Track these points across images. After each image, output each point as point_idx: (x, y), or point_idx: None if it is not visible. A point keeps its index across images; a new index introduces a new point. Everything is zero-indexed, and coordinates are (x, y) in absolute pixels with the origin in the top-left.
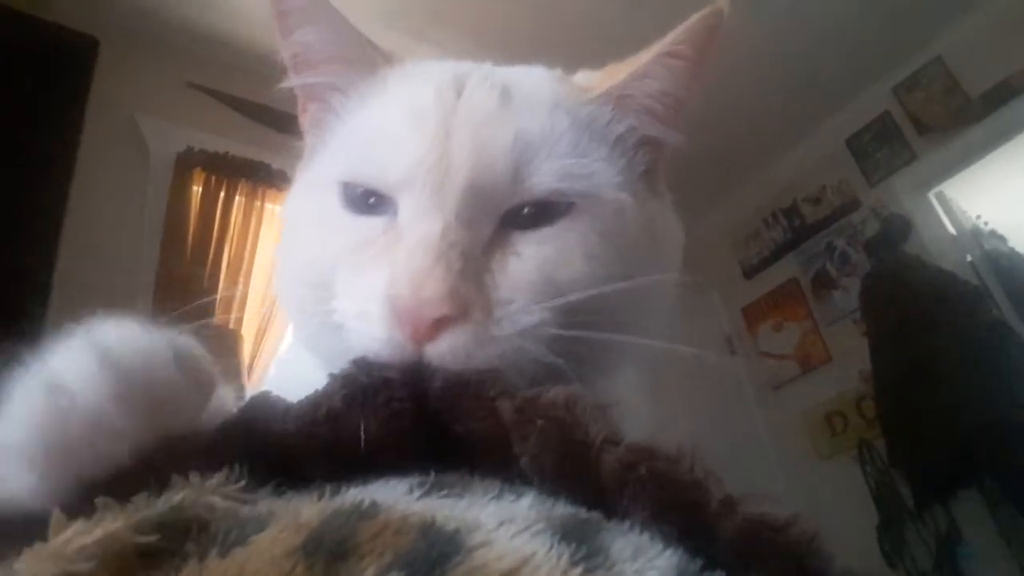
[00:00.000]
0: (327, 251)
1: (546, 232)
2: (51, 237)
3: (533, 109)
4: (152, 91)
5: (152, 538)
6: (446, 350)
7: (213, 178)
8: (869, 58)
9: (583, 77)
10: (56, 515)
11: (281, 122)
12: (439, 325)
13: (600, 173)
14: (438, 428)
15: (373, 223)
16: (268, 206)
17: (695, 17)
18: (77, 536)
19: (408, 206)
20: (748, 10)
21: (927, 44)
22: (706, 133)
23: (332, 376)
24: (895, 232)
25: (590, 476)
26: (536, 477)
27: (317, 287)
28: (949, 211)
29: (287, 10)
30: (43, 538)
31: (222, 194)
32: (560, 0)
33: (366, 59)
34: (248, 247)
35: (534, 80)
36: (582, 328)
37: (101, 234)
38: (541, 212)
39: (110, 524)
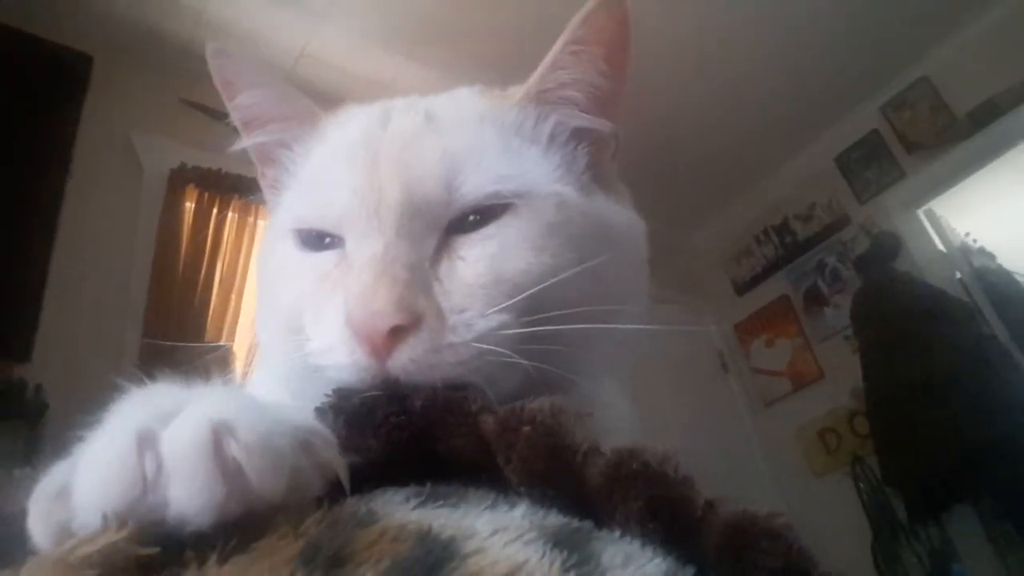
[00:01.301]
0: (291, 294)
1: (486, 231)
2: (44, 253)
3: (457, 125)
4: (145, 108)
5: (154, 550)
6: (406, 361)
7: (206, 194)
8: (857, 77)
9: (513, 89)
10: (60, 525)
11: None
12: (394, 337)
13: (534, 171)
14: (424, 445)
15: (327, 258)
16: (261, 223)
17: (591, 3)
18: (81, 545)
19: (352, 236)
20: (738, 30)
21: (914, 64)
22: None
23: (321, 409)
24: (885, 249)
25: (576, 480)
26: (523, 484)
27: (291, 332)
28: (938, 228)
29: (228, 78)
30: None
31: (215, 210)
32: (550, 20)
33: (306, 114)
34: (240, 263)
35: (457, 99)
36: (548, 324)
37: (94, 250)
38: (483, 217)
39: (113, 535)
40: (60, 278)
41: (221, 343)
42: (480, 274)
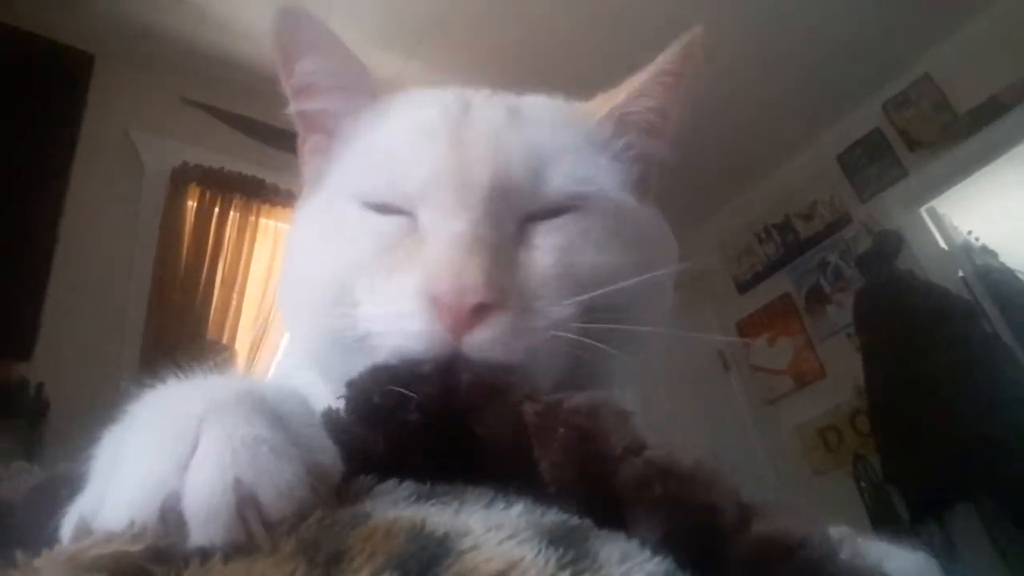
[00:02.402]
0: (353, 257)
1: (558, 223)
2: (46, 252)
3: (539, 124)
4: (147, 107)
5: (163, 569)
6: (486, 338)
7: (208, 193)
8: (859, 75)
9: (593, 104)
10: (79, 522)
11: (276, 138)
12: (478, 314)
13: (604, 179)
14: (458, 429)
15: (395, 223)
16: (263, 221)
17: (682, 39)
18: (95, 546)
19: (430, 212)
20: (739, 29)
21: (916, 61)
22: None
23: (348, 396)
24: (887, 248)
25: (606, 488)
26: (555, 486)
27: (337, 300)
28: (940, 227)
29: (291, 40)
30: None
31: (216, 209)
32: (547, 22)
33: (367, 86)
34: (242, 262)
35: (537, 102)
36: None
37: (95, 249)
38: (555, 212)
39: (126, 544)
40: (61, 277)
41: (223, 341)
42: (552, 264)
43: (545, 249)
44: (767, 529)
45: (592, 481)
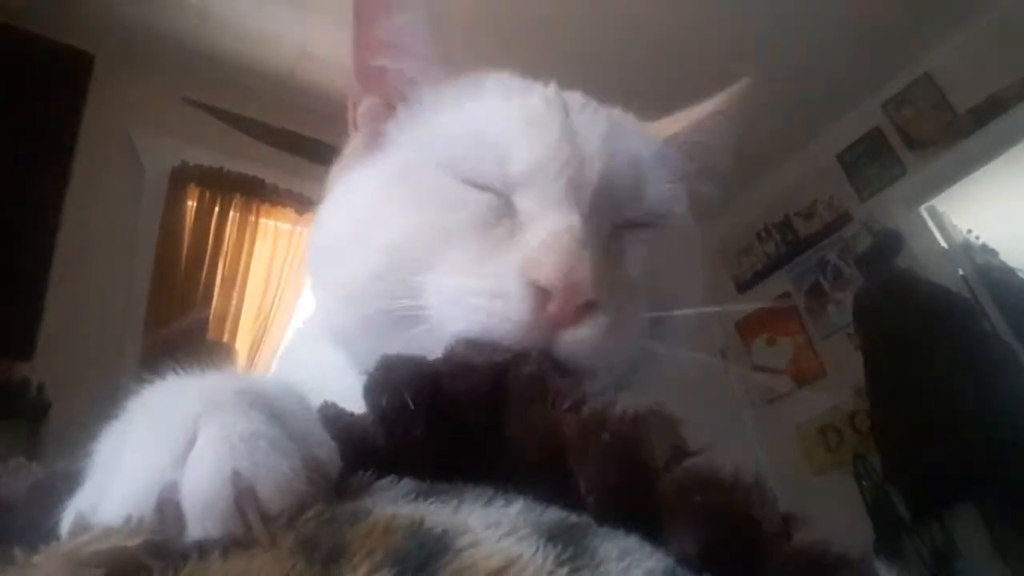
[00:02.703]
0: (440, 225)
1: (644, 234)
2: (46, 251)
3: (635, 138)
4: (147, 106)
5: (160, 563)
6: (585, 336)
7: (207, 193)
8: (859, 75)
9: (658, 124)
10: (76, 517)
11: (276, 138)
12: (583, 311)
13: (681, 201)
14: (489, 427)
15: (493, 201)
16: (262, 221)
17: (738, 85)
18: (93, 541)
19: (533, 198)
20: (739, 30)
21: (916, 61)
22: None
23: (367, 387)
24: (887, 246)
25: (646, 498)
26: (592, 495)
27: (404, 267)
28: (940, 225)
29: None
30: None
31: (216, 209)
32: (549, 19)
33: (448, 60)
34: (242, 262)
35: (625, 116)
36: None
37: (96, 249)
38: (641, 225)
39: (124, 539)
40: (62, 277)
41: (223, 340)
42: (639, 274)
43: (634, 258)
44: (807, 541)
45: (632, 490)
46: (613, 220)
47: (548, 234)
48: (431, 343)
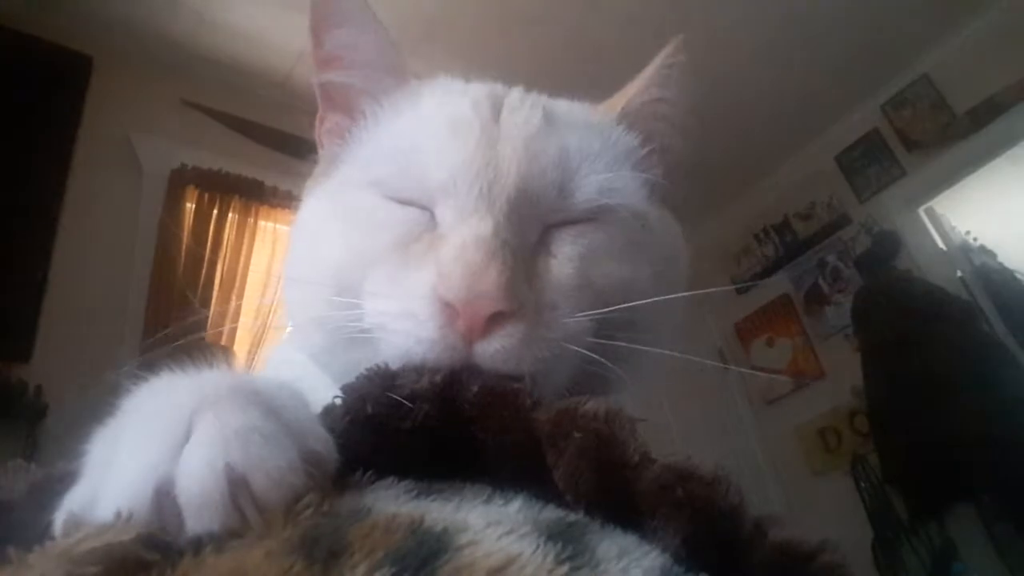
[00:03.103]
0: (364, 246)
1: (579, 229)
2: (44, 254)
3: (572, 129)
4: (145, 109)
5: (156, 557)
6: (498, 348)
7: (206, 195)
8: (857, 76)
9: (600, 108)
10: (69, 516)
11: (274, 140)
12: (492, 322)
13: (628, 188)
14: (462, 439)
15: (417, 216)
16: (261, 223)
17: (674, 41)
18: (87, 539)
19: (451, 209)
20: (739, 31)
21: (914, 62)
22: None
23: (341, 401)
24: (886, 248)
25: (624, 494)
26: (570, 492)
27: (344, 290)
28: (939, 227)
29: (328, 9)
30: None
31: (215, 211)
32: (551, 20)
33: (399, 69)
34: (241, 264)
35: (568, 106)
36: (614, 339)
37: (94, 251)
38: (576, 221)
39: (119, 534)
40: (60, 279)
41: (221, 343)
42: (571, 273)
43: (565, 257)
44: (785, 535)
45: (609, 486)
46: (544, 221)
47: (455, 247)
48: (391, 360)
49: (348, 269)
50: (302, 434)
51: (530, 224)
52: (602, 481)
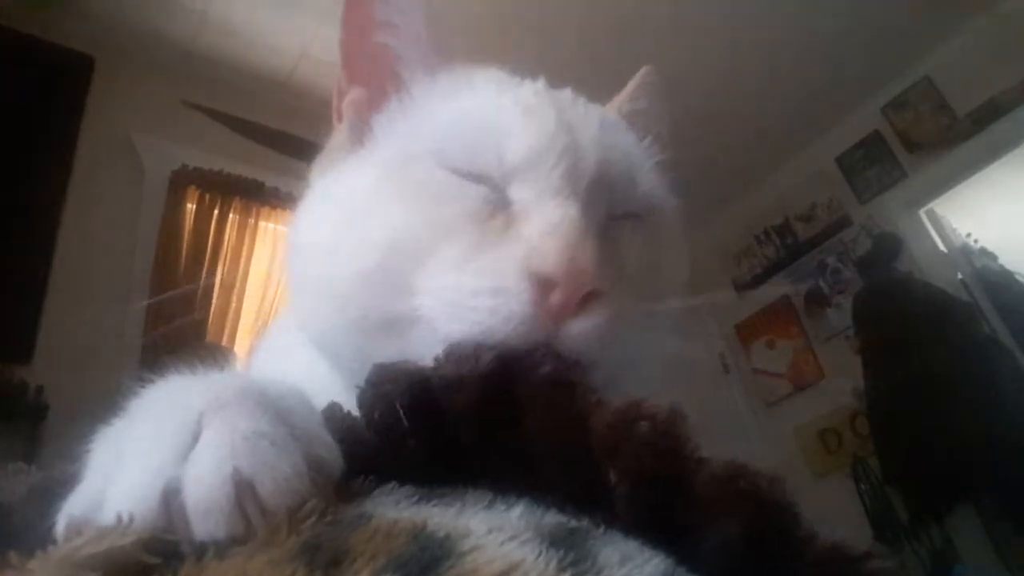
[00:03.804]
0: (434, 220)
1: (635, 221)
2: (45, 254)
3: (625, 132)
4: (147, 109)
5: (157, 560)
6: (590, 327)
7: (207, 196)
8: (858, 78)
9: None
10: (70, 520)
11: (276, 141)
12: (586, 301)
13: (665, 190)
14: (502, 424)
15: (488, 193)
16: (262, 224)
17: (643, 70)
18: (87, 545)
19: (530, 188)
20: (739, 33)
21: (915, 64)
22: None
23: (364, 396)
24: (886, 250)
25: (683, 487)
26: (628, 483)
27: (393, 269)
28: (940, 229)
29: None
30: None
31: (216, 212)
32: (551, 22)
33: (444, 48)
34: (241, 265)
35: (608, 112)
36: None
37: (95, 251)
38: (632, 215)
39: (119, 538)
40: (61, 280)
41: (221, 344)
42: (634, 263)
43: (629, 249)
44: (834, 539)
45: (669, 477)
46: (608, 211)
47: (548, 224)
48: (425, 347)
49: (407, 243)
50: (309, 440)
51: (601, 211)
52: (666, 472)
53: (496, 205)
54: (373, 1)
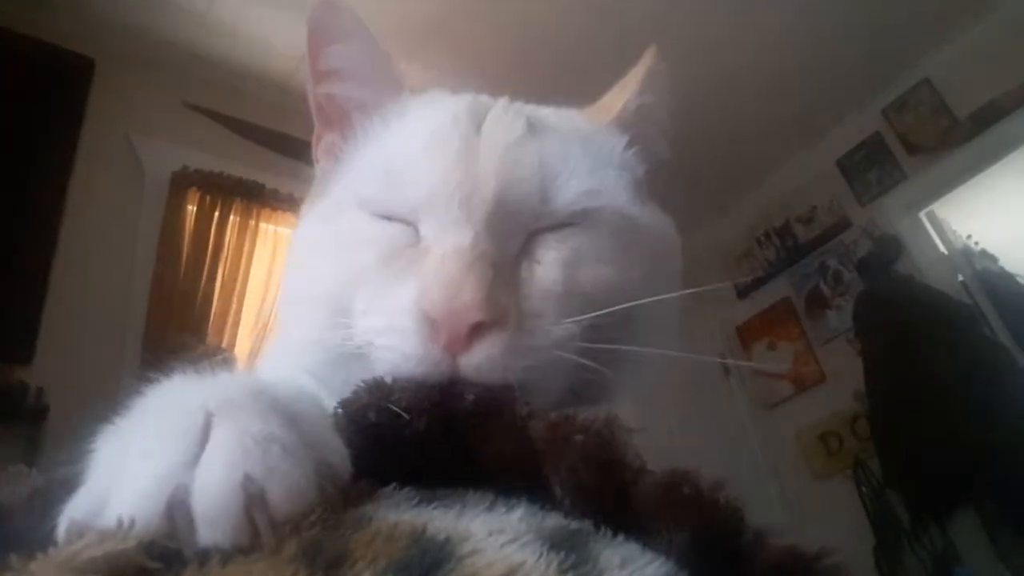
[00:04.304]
0: (352, 266)
1: (563, 234)
2: (45, 256)
3: (554, 135)
4: (147, 111)
5: (158, 565)
6: (482, 359)
7: (208, 197)
8: (858, 80)
9: (589, 111)
10: (71, 523)
11: (276, 142)
12: (474, 333)
13: (613, 190)
14: (460, 450)
15: (401, 232)
16: (263, 225)
17: (649, 50)
18: (88, 547)
19: (432, 224)
20: (738, 33)
21: (915, 66)
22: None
23: (343, 411)
24: (887, 252)
25: (624, 497)
26: (569, 497)
27: (337, 311)
28: (940, 231)
29: (324, 26)
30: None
31: (216, 213)
32: (549, 26)
33: (393, 84)
34: (242, 267)
35: (553, 113)
36: (611, 343)
37: (96, 253)
38: (562, 226)
39: (121, 542)
40: (61, 281)
41: (222, 346)
42: (556, 279)
43: (550, 263)
44: (786, 541)
45: (608, 489)
46: (528, 229)
47: (435, 261)
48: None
49: (339, 289)
50: (319, 446)
51: (513, 233)
52: (603, 484)
53: (408, 243)
54: (320, 52)
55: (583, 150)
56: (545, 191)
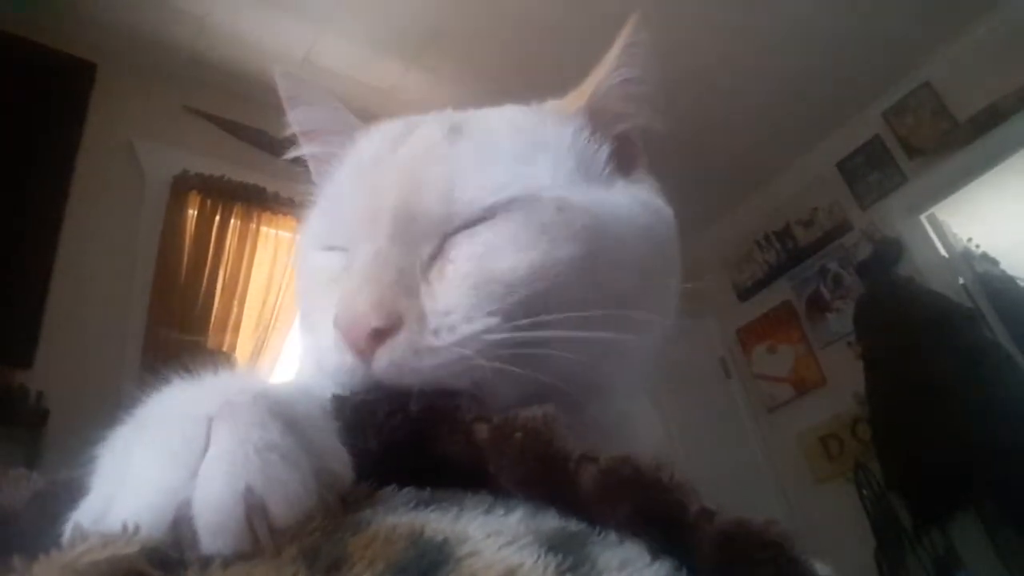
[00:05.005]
0: (308, 293)
1: (476, 231)
2: (46, 259)
3: (478, 137)
4: (148, 115)
5: (160, 572)
6: (387, 363)
7: (208, 201)
8: (859, 83)
9: (547, 104)
10: (75, 526)
11: (277, 147)
12: (376, 339)
13: (536, 175)
14: (422, 449)
15: (340, 258)
16: (263, 229)
17: (633, 18)
18: (91, 551)
19: (355, 246)
20: (739, 36)
21: (916, 69)
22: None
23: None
24: (887, 255)
25: (569, 486)
26: (517, 490)
27: (306, 331)
28: (941, 234)
29: (287, 95)
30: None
31: (217, 217)
32: (552, 28)
33: (350, 129)
34: (243, 270)
35: (495, 113)
36: (540, 329)
37: (96, 256)
38: (477, 222)
39: (124, 547)
40: (62, 285)
41: (223, 349)
42: (466, 275)
43: (462, 259)
44: (732, 516)
45: (552, 480)
46: (441, 232)
47: (347, 278)
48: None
49: (304, 315)
50: (320, 452)
51: (424, 238)
52: (546, 475)
53: (345, 268)
54: (289, 117)
55: (511, 144)
56: (449, 193)
